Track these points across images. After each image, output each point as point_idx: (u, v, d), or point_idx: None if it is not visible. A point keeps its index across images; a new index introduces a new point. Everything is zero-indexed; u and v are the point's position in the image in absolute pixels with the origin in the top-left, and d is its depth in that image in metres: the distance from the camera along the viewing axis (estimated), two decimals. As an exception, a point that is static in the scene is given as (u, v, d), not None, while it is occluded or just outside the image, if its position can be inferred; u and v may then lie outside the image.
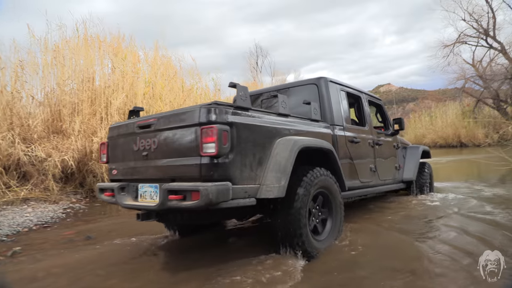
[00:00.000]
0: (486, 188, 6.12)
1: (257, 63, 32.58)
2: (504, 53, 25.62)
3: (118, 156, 3.26)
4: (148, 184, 2.91)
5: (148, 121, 2.94)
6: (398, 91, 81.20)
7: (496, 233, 3.39)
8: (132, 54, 7.79)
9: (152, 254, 3.42)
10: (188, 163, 2.60)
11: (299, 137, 3.18)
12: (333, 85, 4.18)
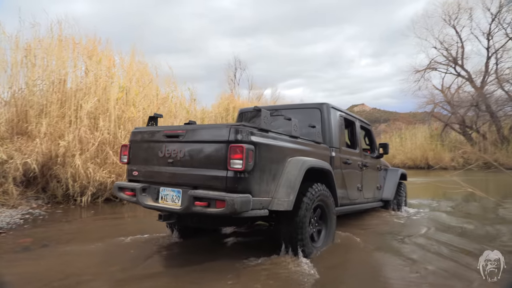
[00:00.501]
0: (444, 205, 7.24)
1: (235, 76, 32.74)
2: (470, 81, 26.98)
3: (141, 159, 3.55)
4: (170, 188, 3.24)
5: (177, 131, 3.31)
6: (371, 112, 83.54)
7: (455, 237, 4.49)
8: (107, 58, 7.63)
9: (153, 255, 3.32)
10: (214, 174, 2.97)
11: (306, 157, 3.59)
12: (333, 110, 4.60)
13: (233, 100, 16.11)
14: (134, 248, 3.88)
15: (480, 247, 3.66)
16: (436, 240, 4.27)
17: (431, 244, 4.11)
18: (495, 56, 26.30)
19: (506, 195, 9.27)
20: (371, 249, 4.01)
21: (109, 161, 6.95)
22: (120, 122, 7.23)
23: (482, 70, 26.91)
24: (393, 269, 3.34)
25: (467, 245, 3.98)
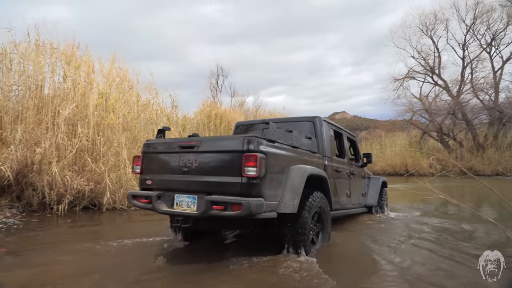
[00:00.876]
0: (423, 208, 7.88)
1: (217, 83, 32.71)
2: (447, 90, 27.83)
3: (155, 168, 3.82)
4: (185, 194, 3.51)
5: (191, 143, 3.61)
6: (352, 119, 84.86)
7: (431, 233, 5.27)
8: (86, 64, 7.50)
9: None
10: (229, 181, 3.27)
11: (306, 166, 3.97)
12: (325, 123, 5.08)
13: (215, 107, 16.07)
14: (115, 257, 3.81)
15: (451, 239, 4.81)
16: (414, 236, 4.98)
17: (410, 239, 4.83)
18: (470, 66, 27.30)
19: (478, 200, 9.58)
20: (362, 244, 4.56)
21: (87, 169, 6.81)
22: (99, 129, 7.11)
23: (458, 79, 27.87)
24: (382, 258, 3.85)
25: (442, 239, 4.77)
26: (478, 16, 25.87)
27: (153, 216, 6.79)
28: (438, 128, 27.14)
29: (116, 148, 7.26)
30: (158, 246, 4.29)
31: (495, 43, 26.11)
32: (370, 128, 52.04)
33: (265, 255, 3.69)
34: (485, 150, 23.94)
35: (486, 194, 10.32)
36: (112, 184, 6.92)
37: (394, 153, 27.31)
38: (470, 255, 3.81)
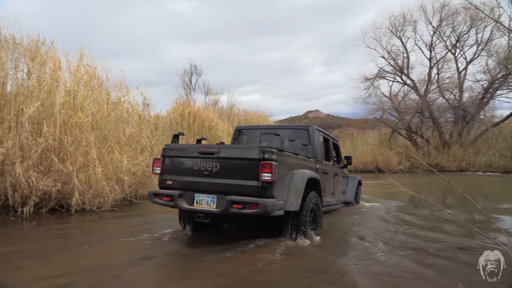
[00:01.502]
0: (390, 200, 8.96)
1: (190, 81, 32.31)
2: (415, 89, 28.78)
3: (175, 170, 4.34)
4: (205, 194, 4.05)
5: (211, 150, 4.21)
6: (326, 118, 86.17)
7: (389, 213, 6.92)
8: (52, 60, 7.18)
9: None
10: (246, 184, 3.87)
11: (305, 170, 4.63)
12: (317, 131, 5.80)
13: (189, 105, 15.88)
14: (85, 258, 3.69)
15: (405, 217, 6.52)
16: (383, 218, 6.42)
17: (381, 219, 6.35)
18: (437, 66, 28.38)
19: (437, 192, 10.06)
20: (343, 224, 5.77)
21: (54, 169, 6.56)
22: (66, 128, 6.85)
23: (425, 79, 28.91)
24: (356, 231, 5.15)
25: (407, 219, 6.35)
26: (444, 18, 26.92)
27: (125, 216, 6.65)
28: (407, 126, 28.03)
29: (84, 148, 7.03)
30: (165, 238, 4.62)
31: (459, 44, 27.28)
32: (342, 126, 53.06)
33: (266, 240, 4.36)
34: (450, 147, 24.96)
35: (448, 188, 10.78)
36: (81, 184, 6.69)
37: (365, 151, 27.96)
38: (414, 225, 5.74)
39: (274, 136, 4.99)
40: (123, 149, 8.14)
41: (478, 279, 2.81)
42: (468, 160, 22.91)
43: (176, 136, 4.78)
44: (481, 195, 10.10)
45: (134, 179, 8.21)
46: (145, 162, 8.75)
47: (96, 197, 6.99)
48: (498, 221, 5.97)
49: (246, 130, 6.30)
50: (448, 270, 3.25)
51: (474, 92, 26.45)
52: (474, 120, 25.21)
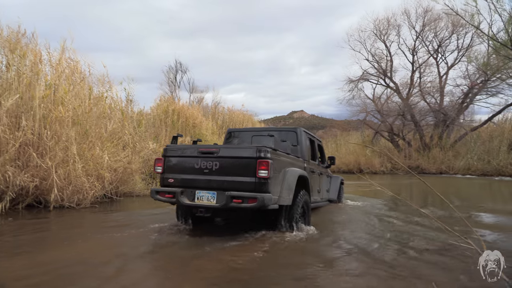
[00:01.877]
0: (371, 199, 9.65)
1: (175, 78, 32.01)
2: (398, 92, 29.30)
3: (176, 169, 4.64)
4: (206, 191, 4.38)
5: (211, 150, 4.51)
6: (310, 118, 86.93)
7: (366, 209, 7.67)
8: (32, 53, 7.00)
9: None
10: (245, 180, 4.20)
11: (296, 168, 4.98)
12: (304, 133, 6.20)
13: (173, 102, 15.72)
14: (66, 253, 3.61)
15: (381, 212, 7.20)
16: (365, 211, 7.30)
17: (359, 213, 7.10)
18: (419, 70, 28.95)
19: (413, 193, 10.26)
20: (328, 219, 6.31)
21: (32, 164, 6.41)
22: (46, 122, 6.70)
23: (408, 83, 29.47)
24: (341, 224, 5.82)
25: (386, 212, 7.15)
26: (427, 23, 27.48)
27: (107, 212, 6.55)
28: (389, 128, 28.52)
29: (64, 143, 6.88)
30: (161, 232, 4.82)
31: (441, 50, 27.93)
32: (326, 127, 53.57)
33: (262, 232, 4.65)
34: (431, 150, 25.53)
35: (428, 189, 11.04)
36: (60, 180, 6.56)
37: (348, 152, 28.35)
38: (388, 215, 6.62)
39: (264, 137, 5.94)
40: (104, 145, 8.01)
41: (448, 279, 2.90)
42: (448, 163, 23.47)
43: (175, 138, 5.18)
44: (458, 196, 10.38)
45: (115, 175, 8.10)
46: (127, 159, 8.64)
47: (75, 193, 6.87)
48: (475, 219, 6.16)
49: (237, 132, 6.66)
50: (420, 268, 3.33)
51: (454, 96, 27.16)
52: (454, 124, 25.85)
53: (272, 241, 4.30)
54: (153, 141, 12.20)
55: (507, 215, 7.08)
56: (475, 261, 3.40)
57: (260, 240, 4.38)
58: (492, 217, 6.68)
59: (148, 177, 10.34)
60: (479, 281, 2.75)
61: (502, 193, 12.42)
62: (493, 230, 5.24)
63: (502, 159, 20.43)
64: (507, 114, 24.34)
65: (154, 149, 11.36)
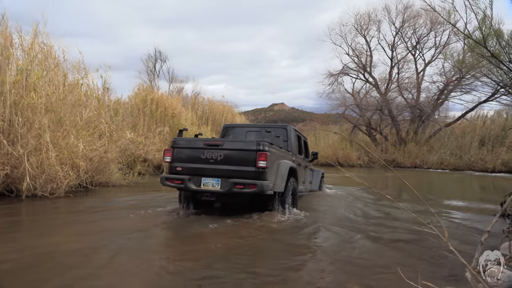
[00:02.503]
0: (346, 187, 10.29)
1: (154, 67, 31.45)
2: (376, 87, 29.80)
3: (184, 159, 5.23)
4: (211, 178, 4.98)
5: (216, 142, 5.14)
6: (290, 111, 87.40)
7: (342, 195, 8.93)
8: (3, 36, 6.70)
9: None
10: (246, 169, 4.86)
11: (287, 160, 5.73)
12: (293, 130, 6.89)
13: (152, 92, 15.48)
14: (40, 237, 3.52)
15: (351, 197, 8.42)
16: (337, 197, 8.55)
17: (335, 198, 8.29)
18: (397, 66, 29.49)
19: (394, 186, 10.54)
20: (311, 203, 7.08)
21: (3, 152, 6.20)
22: (17, 108, 6.47)
23: (386, 78, 29.99)
24: (321, 206, 6.84)
25: (349, 197, 8.33)
26: (406, 20, 27.96)
27: (82, 202, 6.43)
28: (367, 122, 29.03)
29: (37, 130, 6.68)
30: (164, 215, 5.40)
31: (419, 46, 28.50)
32: (306, 120, 53.92)
33: (257, 215, 5.18)
34: (407, 144, 26.18)
35: (402, 181, 11.38)
36: (32, 168, 6.38)
37: (327, 145, 28.74)
38: (358, 199, 7.83)
39: (257, 133, 6.82)
40: (79, 134, 7.82)
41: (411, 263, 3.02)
42: (422, 157, 24.15)
43: (180, 131, 5.87)
44: (429, 188, 10.74)
45: (90, 165, 7.93)
46: (103, 148, 8.47)
47: (48, 182, 6.70)
48: (441, 207, 6.40)
49: (233, 128, 7.31)
50: (384, 252, 3.45)
51: (430, 93, 27.86)
52: (429, 119, 26.56)
53: (266, 221, 4.91)
54: (131, 130, 12.00)
55: (474, 204, 7.38)
56: (439, 246, 3.57)
57: (256, 220, 4.96)
58: (458, 206, 6.96)
59: (125, 167, 10.18)
60: (438, 266, 2.88)
61: (471, 187, 12.92)
62: (457, 218, 5.46)
63: (473, 154, 21.17)
64: (479, 111, 25.23)
65: (132, 139, 11.19)
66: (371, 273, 2.81)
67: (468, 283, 2.19)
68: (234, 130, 7.18)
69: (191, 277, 2.67)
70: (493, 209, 6.14)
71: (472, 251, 2.34)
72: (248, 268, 2.93)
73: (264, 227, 4.59)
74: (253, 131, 7.00)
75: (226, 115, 21.50)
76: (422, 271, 2.48)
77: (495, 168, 19.08)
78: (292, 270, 2.92)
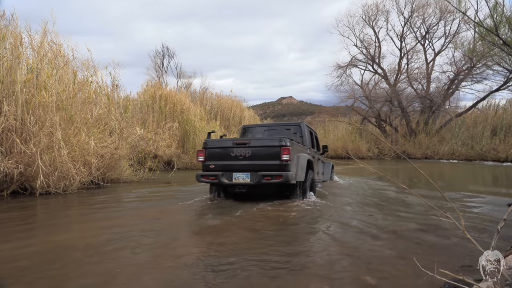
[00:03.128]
0: (355, 177, 10.54)
1: (162, 63, 31.52)
2: (385, 78, 29.46)
3: (215, 157, 5.95)
4: (240, 172, 5.70)
5: (244, 141, 5.84)
6: (299, 105, 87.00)
7: (352, 183, 9.55)
8: (12, 35, 6.79)
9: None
10: (271, 163, 5.56)
11: (304, 153, 6.49)
12: (306, 126, 7.62)
13: (160, 88, 15.54)
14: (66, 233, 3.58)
15: (359, 184, 9.06)
16: (345, 185, 9.19)
17: (345, 185, 9.06)
18: (407, 56, 29.07)
19: (405, 177, 10.44)
20: (325, 189, 7.81)
21: (16, 150, 6.29)
22: (29, 107, 6.56)
23: (395, 69, 29.60)
24: (334, 192, 7.53)
25: (357, 185, 9.02)
26: (415, 9, 27.50)
27: (96, 197, 6.51)
28: (376, 114, 28.76)
29: (49, 129, 6.77)
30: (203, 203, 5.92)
31: (428, 36, 28.02)
32: (315, 113, 53.69)
33: (280, 201, 5.80)
34: (417, 135, 25.88)
35: (412, 173, 11.27)
36: (45, 166, 6.47)
37: (336, 138, 28.56)
38: (372, 190, 8.06)
39: (274, 131, 7.56)
40: (90, 131, 7.90)
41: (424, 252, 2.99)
42: (433, 148, 23.86)
43: (209, 134, 6.74)
44: (441, 178, 10.63)
45: (102, 162, 8.02)
46: (113, 145, 8.55)
47: (61, 179, 6.80)
48: (456, 197, 6.32)
49: (251, 128, 7.99)
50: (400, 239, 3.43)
51: (440, 83, 27.42)
52: (440, 110, 26.19)
53: (290, 205, 5.53)
54: (141, 127, 12.08)
55: (487, 194, 7.28)
56: (454, 234, 3.53)
57: (282, 204, 5.59)
58: (471, 196, 6.86)
59: (136, 163, 10.27)
60: (454, 255, 2.85)
61: (483, 177, 12.74)
62: (471, 207, 5.39)
63: (485, 144, 20.84)
64: (491, 101, 24.77)
65: (142, 135, 11.26)
66: (385, 263, 2.79)
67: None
68: (252, 130, 7.89)
69: (210, 264, 2.68)
70: (508, 198, 6.05)
71: (489, 239, 2.30)
72: (261, 255, 2.94)
73: (285, 213, 4.96)
74: (271, 129, 7.74)
75: (234, 110, 21.49)
76: (437, 260, 2.45)
77: (508, 157, 18.76)
78: (305, 257, 2.92)
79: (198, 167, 14.44)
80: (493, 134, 21.39)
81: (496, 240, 2.29)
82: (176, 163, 13.75)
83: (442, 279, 1.93)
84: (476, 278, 2.09)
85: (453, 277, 1.89)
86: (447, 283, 2.09)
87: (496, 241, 2.28)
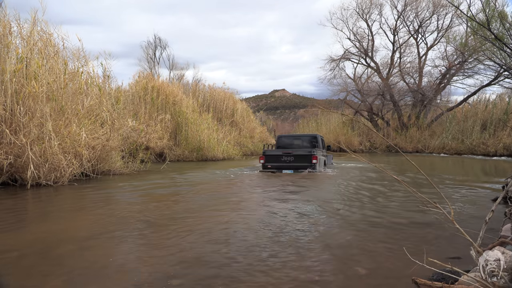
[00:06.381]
0: (347, 164, 11.24)
1: (154, 54, 31.17)
2: (378, 72, 29.58)
3: (272, 160, 10.10)
4: (287, 170, 9.86)
5: (288, 152, 10.07)
6: (291, 97, 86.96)
7: (345, 167, 12.95)
8: (1, 24, 6.65)
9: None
10: (305, 164, 9.75)
11: (322, 156, 10.70)
12: (320, 136, 11.50)
13: (152, 79, 15.40)
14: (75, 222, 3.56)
15: (354, 171, 11.23)
16: (340, 169, 11.73)
17: (341, 170, 10.49)
18: (399, 50, 29.19)
19: (396, 169, 10.58)
20: (336, 174, 10.17)
21: (5, 141, 6.21)
22: (19, 97, 6.46)
23: (388, 63, 29.74)
24: (332, 176, 9.55)
25: (351, 171, 11.14)
26: (409, 3, 27.54)
27: (88, 189, 6.47)
28: (368, 108, 28.92)
29: (39, 119, 6.68)
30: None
31: (421, 30, 28.14)
32: (307, 106, 53.75)
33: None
34: (408, 129, 26.12)
35: (402, 165, 11.40)
36: (35, 157, 6.40)
37: (328, 130, 28.70)
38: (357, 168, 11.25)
39: (299, 139, 11.44)
40: (81, 122, 7.82)
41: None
42: (424, 142, 24.12)
43: (264, 145, 12.01)
44: (431, 170, 10.78)
45: (93, 153, 7.96)
46: (105, 136, 8.48)
47: (52, 171, 6.74)
48: (446, 188, 6.41)
49: (284, 136, 11.92)
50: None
51: (432, 77, 27.62)
52: (431, 104, 26.43)
53: (313, 174, 9.28)
54: (132, 118, 11.98)
55: (477, 187, 7.40)
56: (444, 225, 3.59)
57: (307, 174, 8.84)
58: (460, 187, 6.98)
59: (127, 155, 10.21)
60: (443, 245, 2.91)
61: (473, 169, 12.94)
62: (459, 196, 5.48)
63: (475, 138, 21.11)
64: (481, 95, 25.01)
65: (133, 127, 11.18)
66: (375, 255, 2.83)
67: (473, 261, 2.20)
68: (285, 137, 11.80)
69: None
70: (496, 189, 6.16)
71: (477, 230, 2.35)
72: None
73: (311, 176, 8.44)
74: (299, 138, 11.62)
75: (227, 102, 21.42)
76: (426, 251, 2.50)
77: (497, 152, 19.05)
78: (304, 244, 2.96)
79: (191, 160, 14.49)
80: (483, 129, 21.66)
81: (484, 231, 2.33)
82: (168, 155, 13.71)
83: (431, 269, 1.97)
84: (465, 269, 2.14)
85: (442, 266, 1.92)
86: (436, 273, 2.13)
87: (484, 231, 2.33)
